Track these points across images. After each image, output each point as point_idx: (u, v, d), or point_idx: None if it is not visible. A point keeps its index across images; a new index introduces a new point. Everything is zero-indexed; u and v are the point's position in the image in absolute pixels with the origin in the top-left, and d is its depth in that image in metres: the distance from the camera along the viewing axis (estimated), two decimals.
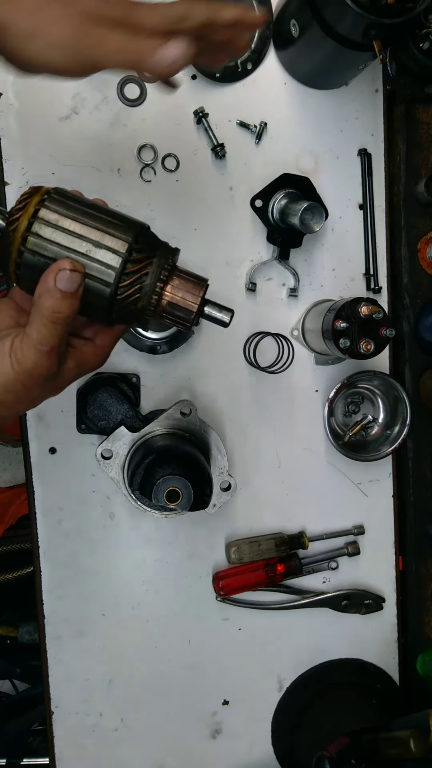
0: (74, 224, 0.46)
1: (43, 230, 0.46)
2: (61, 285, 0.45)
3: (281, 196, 0.83)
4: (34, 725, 1.43)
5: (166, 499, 0.72)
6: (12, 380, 0.47)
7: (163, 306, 0.48)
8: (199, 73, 0.83)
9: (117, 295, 0.47)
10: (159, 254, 0.48)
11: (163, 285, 0.48)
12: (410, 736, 0.74)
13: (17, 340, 0.46)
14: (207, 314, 0.51)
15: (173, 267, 0.49)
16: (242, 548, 0.87)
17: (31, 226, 0.46)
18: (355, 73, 0.83)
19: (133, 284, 0.47)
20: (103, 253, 0.46)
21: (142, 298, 0.47)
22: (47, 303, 0.45)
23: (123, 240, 0.47)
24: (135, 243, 0.47)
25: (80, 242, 0.46)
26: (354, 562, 0.92)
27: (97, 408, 0.83)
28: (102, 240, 0.46)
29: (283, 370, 0.88)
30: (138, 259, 0.47)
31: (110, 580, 0.88)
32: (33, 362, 0.46)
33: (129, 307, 0.48)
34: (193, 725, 0.91)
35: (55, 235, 0.46)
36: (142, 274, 0.47)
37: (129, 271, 0.47)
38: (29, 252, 0.46)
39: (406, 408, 0.86)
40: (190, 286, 0.49)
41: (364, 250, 0.89)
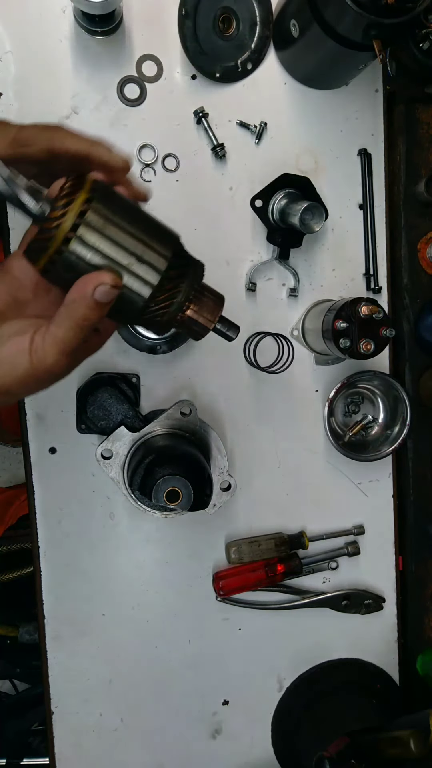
0: (119, 233, 0.45)
1: (88, 236, 0.44)
2: (99, 297, 0.44)
3: (281, 196, 0.83)
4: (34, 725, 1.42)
5: (166, 499, 0.72)
6: (29, 375, 0.47)
7: (183, 320, 0.49)
8: (199, 73, 0.83)
9: (148, 308, 0.47)
10: (192, 272, 0.49)
11: (190, 304, 0.49)
12: (410, 736, 0.74)
13: (38, 337, 0.46)
14: (217, 329, 0.52)
15: (201, 287, 0.50)
16: (242, 548, 0.87)
17: (77, 229, 0.44)
18: (355, 73, 0.83)
19: (166, 300, 0.47)
20: (144, 269, 0.46)
21: (170, 313, 0.48)
22: (81, 310, 0.45)
23: (163, 257, 0.46)
24: (174, 259, 0.47)
25: (124, 254, 0.45)
26: (354, 562, 0.92)
27: (97, 408, 0.83)
28: (144, 255, 0.46)
29: (283, 370, 0.88)
30: (173, 277, 0.47)
31: (110, 580, 0.88)
32: (54, 361, 0.46)
33: (155, 318, 0.48)
34: (193, 725, 0.91)
35: (99, 243, 0.44)
36: (176, 291, 0.48)
37: (165, 288, 0.47)
38: (69, 253, 0.44)
39: (406, 408, 0.86)
40: (211, 306, 0.50)
41: (364, 250, 0.89)
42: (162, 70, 0.83)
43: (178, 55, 0.83)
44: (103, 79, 0.82)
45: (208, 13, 0.81)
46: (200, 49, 0.81)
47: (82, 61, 0.82)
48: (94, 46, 0.82)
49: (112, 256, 0.45)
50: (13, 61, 0.81)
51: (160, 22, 0.82)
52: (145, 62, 0.83)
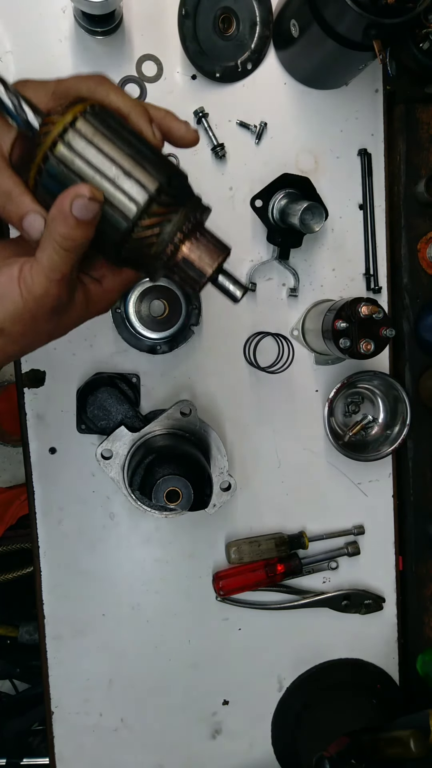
0: (109, 145, 0.43)
1: (76, 141, 0.43)
2: (77, 212, 0.42)
3: (281, 196, 0.83)
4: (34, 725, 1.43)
5: (166, 499, 0.72)
6: (21, 309, 0.45)
7: (176, 260, 0.45)
8: (199, 73, 0.83)
9: (132, 233, 0.44)
10: (189, 205, 0.45)
11: (184, 238, 0.45)
12: (410, 736, 0.74)
13: (26, 266, 0.45)
14: (220, 283, 0.47)
15: (199, 223, 0.46)
16: (242, 548, 0.87)
17: (65, 134, 0.42)
18: (355, 73, 0.83)
19: (153, 227, 0.44)
20: (131, 185, 0.43)
21: (158, 244, 0.45)
22: (60, 228, 0.43)
23: (155, 178, 0.44)
24: (167, 185, 0.44)
25: (110, 165, 0.43)
26: (354, 562, 0.92)
27: (97, 408, 0.83)
28: (133, 171, 0.43)
29: (283, 370, 0.88)
30: (165, 203, 0.44)
31: (110, 580, 0.88)
32: (43, 290, 0.44)
33: (142, 249, 0.45)
34: (193, 725, 0.91)
35: (86, 151, 0.43)
36: (165, 219, 0.44)
37: (152, 212, 0.44)
38: (55, 160, 0.43)
39: (406, 408, 0.86)
40: (210, 249, 0.46)
41: (364, 250, 0.89)
42: (162, 70, 0.83)
43: (178, 55, 0.83)
44: None
45: (208, 13, 0.81)
46: (200, 49, 0.81)
47: (82, 61, 0.82)
48: (94, 46, 0.82)
49: (98, 165, 0.43)
50: (13, 61, 0.81)
51: (160, 22, 0.82)
52: (145, 62, 0.83)
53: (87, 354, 0.85)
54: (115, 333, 0.84)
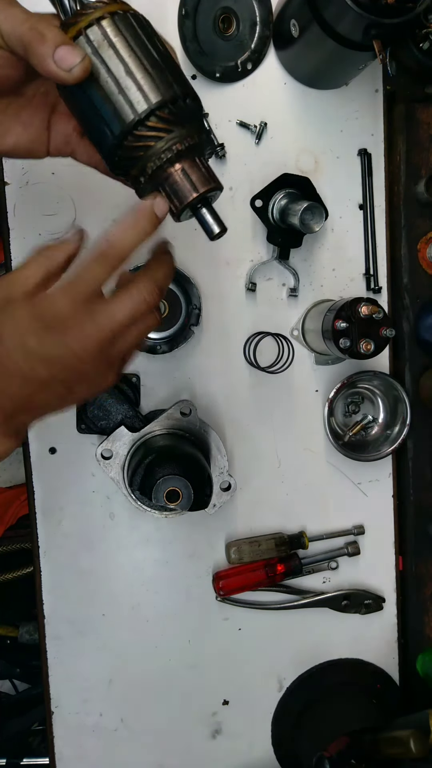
0: (128, 50, 0.45)
1: (110, 30, 0.44)
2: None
3: (281, 196, 0.83)
4: (34, 725, 1.42)
5: (166, 499, 0.72)
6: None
7: (163, 177, 0.46)
8: (199, 73, 0.83)
9: (125, 140, 0.45)
10: (188, 127, 0.46)
11: (175, 158, 0.45)
12: (410, 736, 0.74)
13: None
14: (200, 216, 0.48)
15: (194, 149, 0.46)
16: (242, 548, 0.87)
17: (102, 20, 0.44)
18: (355, 73, 0.83)
19: (145, 138, 0.45)
20: (135, 92, 0.44)
21: (146, 157, 0.45)
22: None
23: (160, 93, 0.45)
24: (172, 103, 0.45)
25: (136, 62, 0.44)
26: (354, 562, 0.92)
27: (97, 408, 0.83)
28: (142, 79, 0.44)
29: (283, 370, 0.88)
30: (164, 118, 0.45)
31: (110, 580, 0.88)
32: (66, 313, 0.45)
33: (132, 158, 0.46)
34: (193, 725, 0.91)
35: (119, 43, 0.44)
36: (159, 134, 0.45)
37: (149, 125, 0.45)
38: (86, 39, 0.44)
39: (406, 408, 0.86)
40: (200, 176, 0.46)
41: (364, 250, 0.89)
42: None
43: (178, 55, 0.83)
44: None
45: (208, 13, 0.81)
46: (200, 49, 0.81)
47: None
48: None
49: (125, 57, 0.44)
50: None
51: (160, 22, 0.82)
52: None
53: None
54: None
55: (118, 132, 0.45)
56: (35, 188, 0.84)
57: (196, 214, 0.48)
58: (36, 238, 0.84)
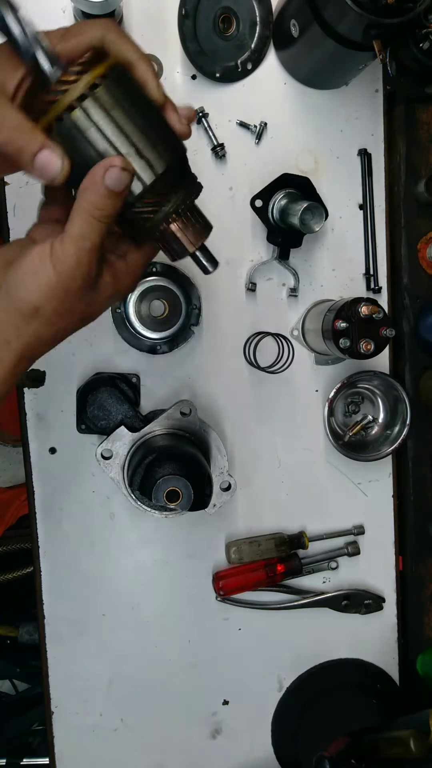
0: (126, 120, 0.44)
1: (93, 110, 0.43)
2: (110, 182, 0.43)
3: (281, 196, 0.83)
4: (34, 725, 1.42)
5: (166, 499, 0.72)
6: (54, 283, 0.45)
7: (165, 233, 0.48)
8: (199, 73, 0.83)
9: (134, 207, 0.46)
10: (187, 187, 0.48)
11: (177, 218, 0.48)
12: (410, 736, 0.74)
13: (57, 242, 0.45)
14: (197, 257, 0.51)
15: (192, 205, 0.49)
16: (242, 548, 0.87)
17: (84, 100, 0.42)
18: (355, 73, 0.83)
19: (153, 204, 0.46)
20: (141, 165, 0.45)
21: (153, 220, 0.47)
22: (93, 198, 0.44)
23: (163, 160, 0.46)
24: (173, 166, 0.46)
25: (124, 142, 0.44)
26: (354, 562, 0.92)
27: (97, 408, 0.83)
28: (144, 150, 0.45)
29: (283, 370, 0.88)
30: (169, 182, 0.46)
31: (110, 580, 0.88)
32: (75, 260, 0.45)
33: (138, 222, 0.47)
34: (193, 725, 0.91)
35: (102, 122, 0.43)
36: (166, 198, 0.47)
37: (157, 191, 0.46)
38: (69, 123, 0.43)
39: (406, 408, 0.86)
40: (197, 229, 0.49)
41: (364, 250, 0.89)
42: (162, 70, 0.83)
43: (178, 55, 0.83)
44: None
45: (208, 13, 0.81)
46: (200, 49, 0.81)
47: None
48: None
49: (113, 140, 0.44)
50: None
51: (160, 22, 0.82)
52: None
53: (87, 354, 0.85)
54: (115, 333, 0.84)
55: (126, 203, 0.46)
56: (35, 188, 0.84)
57: (193, 257, 0.51)
58: None
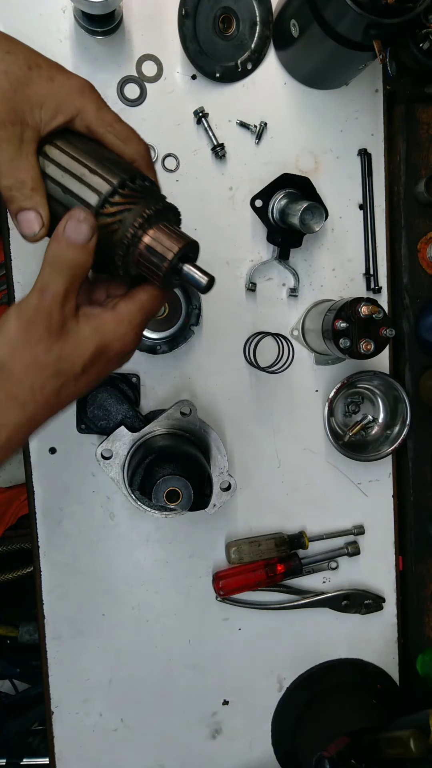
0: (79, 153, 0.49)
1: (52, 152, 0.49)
2: (69, 233, 0.45)
3: (281, 196, 0.83)
4: (34, 725, 1.42)
5: (166, 499, 0.72)
6: (14, 333, 0.45)
7: (140, 248, 0.48)
8: (199, 73, 0.83)
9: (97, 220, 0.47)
10: (151, 198, 0.49)
11: (146, 225, 0.48)
12: (410, 736, 0.74)
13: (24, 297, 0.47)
14: (185, 273, 0.49)
15: (161, 215, 0.49)
16: (242, 548, 0.87)
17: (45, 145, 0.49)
18: (355, 73, 0.83)
19: (114, 214, 0.47)
20: (95, 179, 0.48)
21: (120, 230, 0.47)
22: (54, 249, 0.46)
23: (117, 174, 0.48)
24: (131, 181, 0.48)
25: (78, 166, 0.48)
26: (354, 562, 0.92)
27: (97, 408, 0.83)
28: (98, 168, 0.48)
29: (283, 370, 0.88)
30: (127, 194, 0.48)
31: (110, 580, 0.88)
32: (35, 308, 0.45)
33: (106, 237, 0.48)
34: (193, 725, 0.91)
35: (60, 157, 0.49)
36: (126, 208, 0.47)
37: (114, 201, 0.47)
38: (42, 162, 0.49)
39: (406, 408, 0.86)
40: (173, 237, 0.48)
41: (364, 250, 0.89)
42: (162, 70, 0.83)
43: (178, 55, 0.83)
44: (103, 79, 0.82)
45: (208, 13, 0.81)
46: (200, 49, 0.81)
47: (82, 61, 0.82)
48: (94, 46, 0.82)
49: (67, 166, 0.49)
50: None
51: (160, 22, 0.82)
52: (145, 62, 0.83)
53: None
54: None
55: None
56: None
57: (181, 274, 0.50)
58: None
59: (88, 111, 0.50)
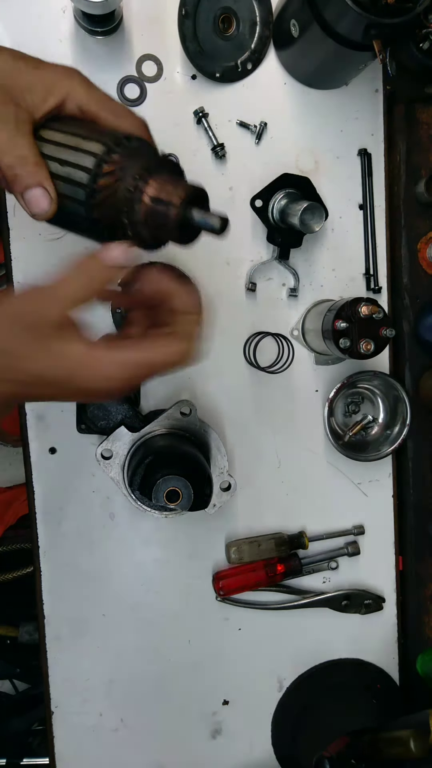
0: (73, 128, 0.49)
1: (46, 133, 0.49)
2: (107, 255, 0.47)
3: (281, 196, 0.83)
4: (34, 725, 1.42)
5: (166, 499, 0.72)
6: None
7: (144, 203, 0.46)
8: (199, 73, 0.83)
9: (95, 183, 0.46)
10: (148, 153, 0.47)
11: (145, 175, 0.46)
12: (410, 736, 0.74)
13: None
14: (196, 219, 0.46)
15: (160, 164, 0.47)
16: (242, 548, 0.87)
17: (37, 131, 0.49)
18: (355, 73, 0.83)
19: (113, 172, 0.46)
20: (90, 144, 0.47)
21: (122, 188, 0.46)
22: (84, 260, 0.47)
23: (110, 137, 0.47)
24: (126, 140, 0.47)
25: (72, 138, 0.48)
26: (354, 562, 0.92)
27: (97, 408, 0.83)
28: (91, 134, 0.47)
29: (283, 370, 0.88)
30: (123, 152, 0.47)
31: (110, 580, 0.88)
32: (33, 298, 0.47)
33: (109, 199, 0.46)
34: (193, 725, 0.91)
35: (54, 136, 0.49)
36: (124, 163, 0.46)
37: (111, 160, 0.46)
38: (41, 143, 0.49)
39: (406, 408, 0.86)
40: (178, 183, 0.46)
41: (364, 250, 0.89)
42: (162, 70, 0.83)
43: (178, 55, 0.83)
44: (103, 79, 0.82)
45: (208, 13, 0.81)
46: (200, 49, 0.81)
47: (82, 61, 0.82)
48: (94, 46, 0.82)
49: (64, 141, 0.48)
50: None
51: (160, 22, 0.82)
52: (145, 62, 0.83)
53: None
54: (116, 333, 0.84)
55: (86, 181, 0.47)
56: None
57: (192, 220, 0.46)
58: (36, 238, 0.84)
59: (77, 91, 0.50)
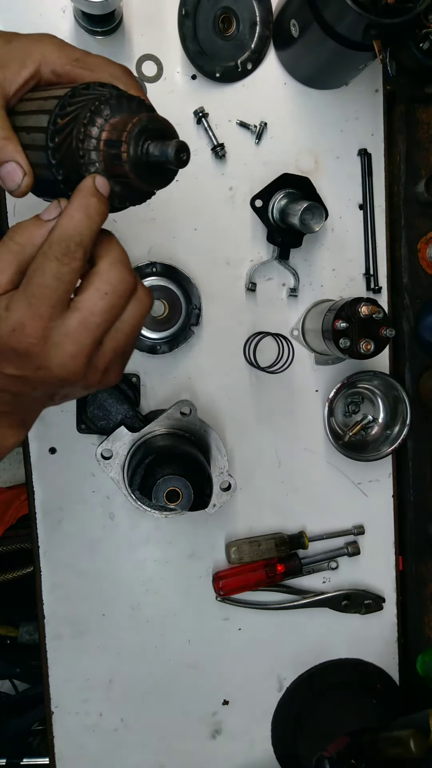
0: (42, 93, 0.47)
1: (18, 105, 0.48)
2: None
3: (281, 196, 0.83)
4: (34, 725, 1.42)
5: (166, 499, 0.72)
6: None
7: (101, 152, 0.42)
8: (199, 73, 0.83)
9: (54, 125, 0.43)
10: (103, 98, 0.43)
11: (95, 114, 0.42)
12: (410, 736, 0.74)
13: None
14: (151, 152, 0.40)
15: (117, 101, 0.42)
16: (242, 548, 0.87)
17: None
18: (355, 73, 0.83)
19: (68, 122, 0.43)
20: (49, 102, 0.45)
21: (74, 131, 0.43)
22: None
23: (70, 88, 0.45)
24: (83, 89, 0.44)
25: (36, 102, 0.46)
26: (354, 562, 0.92)
27: (97, 408, 0.83)
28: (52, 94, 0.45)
29: (283, 370, 0.88)
30: (79, 100, 0.44)
31: (110, 580, 0.88)
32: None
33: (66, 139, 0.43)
34: (193, 725, 0.91)
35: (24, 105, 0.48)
36: (77, 110, 0.43)
37: (66, 112, 0.43)
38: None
39: (406, 408, 0.86)
40: (130, 115, 0.41)
41: (364, 250, 0.89)
42: (162, 70, 0.83)
43: (178, 55, 0.83)
44: None
45: (208, 13, 0.81)
46: (200, 49, 0.81)
47: None
48: (94, 46, 0.82)
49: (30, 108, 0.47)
50: None
51: (160, 22, 0.82)
52: (145, 62, 0.83)
53: None
54: None
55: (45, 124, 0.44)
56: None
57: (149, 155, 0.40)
58: None
59: (49, 53, 0.47)
